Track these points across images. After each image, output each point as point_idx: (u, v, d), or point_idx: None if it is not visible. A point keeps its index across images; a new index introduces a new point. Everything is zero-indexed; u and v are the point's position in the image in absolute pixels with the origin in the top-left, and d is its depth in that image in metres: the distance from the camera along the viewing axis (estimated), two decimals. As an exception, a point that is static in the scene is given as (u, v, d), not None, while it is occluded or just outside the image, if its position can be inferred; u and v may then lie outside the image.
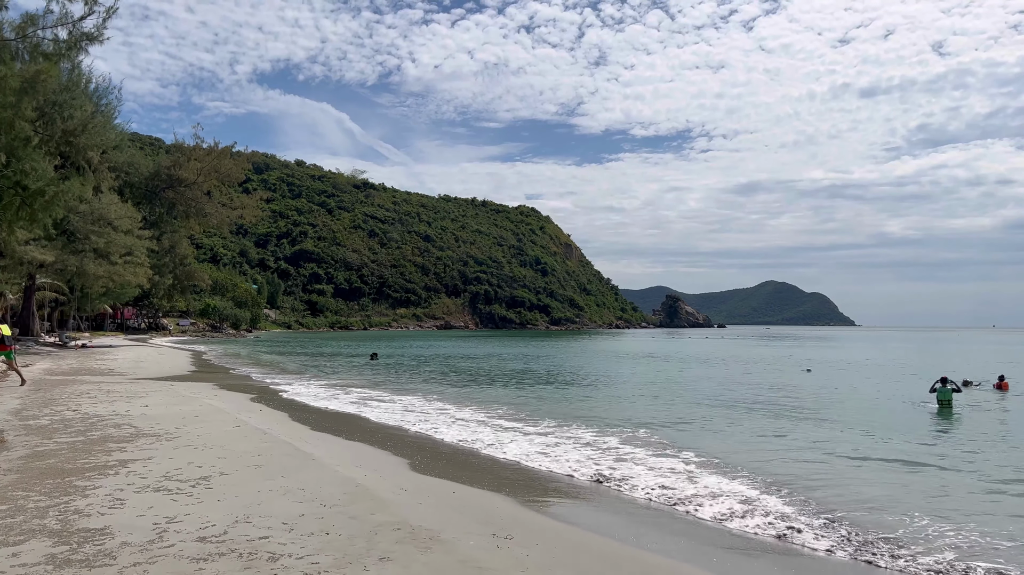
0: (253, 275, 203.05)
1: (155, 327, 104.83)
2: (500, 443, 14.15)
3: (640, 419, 18.20)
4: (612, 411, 20.13)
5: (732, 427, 17.29)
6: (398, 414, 18.78)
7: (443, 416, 18.42)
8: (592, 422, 17.30)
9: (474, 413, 19.10)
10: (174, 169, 60.06)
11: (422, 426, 16.52)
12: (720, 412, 20.23)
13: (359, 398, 22.78)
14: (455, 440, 14.53)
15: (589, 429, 16.12)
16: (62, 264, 46.17)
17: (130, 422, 14.32)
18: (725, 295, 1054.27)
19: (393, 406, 20.60)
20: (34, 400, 18.27)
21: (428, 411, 19.59)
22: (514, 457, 12.81)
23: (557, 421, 17.49)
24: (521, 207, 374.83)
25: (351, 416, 18.30)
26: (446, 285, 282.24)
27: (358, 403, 21.21)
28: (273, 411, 17.72)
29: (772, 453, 13.71)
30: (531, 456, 12.85)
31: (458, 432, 15.56)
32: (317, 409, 19.44)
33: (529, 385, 28.34)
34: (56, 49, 24.09)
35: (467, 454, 13.00)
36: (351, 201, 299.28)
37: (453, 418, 18.05)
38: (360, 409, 19.79)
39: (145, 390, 21.33)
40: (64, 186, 30.77)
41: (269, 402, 20.26)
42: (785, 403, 22.75)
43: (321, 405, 20.54)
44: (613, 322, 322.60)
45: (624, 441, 14.60)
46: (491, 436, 15.03)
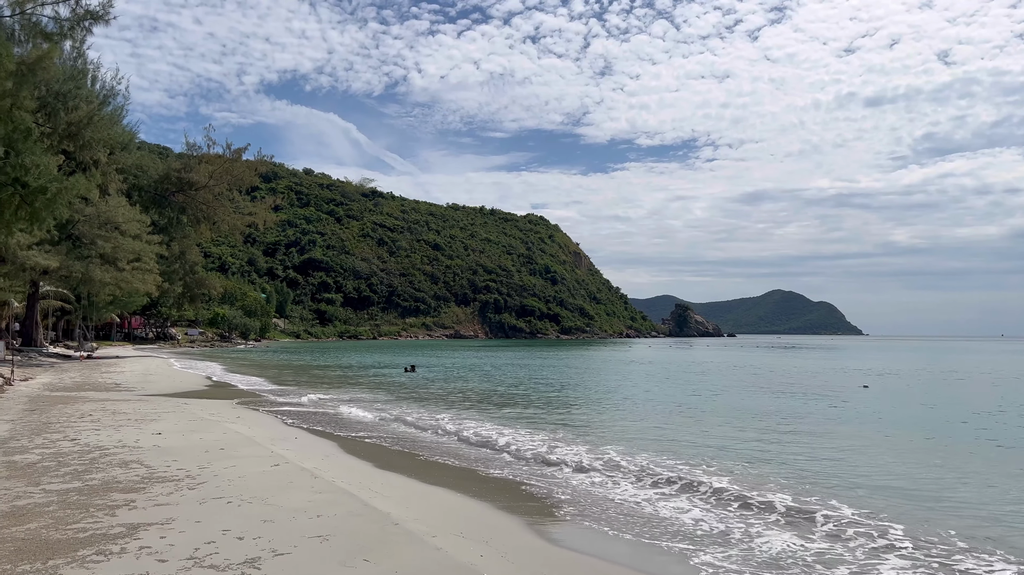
0: (262, 284, 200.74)
1: (163, 337, 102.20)
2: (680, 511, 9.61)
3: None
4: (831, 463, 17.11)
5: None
6: (471, 442, 15.85)
7: (541, 449, 14.45)
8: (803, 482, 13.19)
9: (591, 450, 15.21)
10: (184, 172, 57.44)
11: (523, 469, 12.87)
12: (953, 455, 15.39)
13: (416, 419, 19.87)
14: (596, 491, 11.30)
15: (785, 492, 10.91)
16: (67, 270, 43.50)
17: (140, 458, 11.47)
18: (732, 304, 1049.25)
19: (449, 427, 17.69)
20: (27, 424, 15.45)
21: (519, 442, 16.60)
22: (669, 513, 9.90)
23: (686, 460, 14.38)
24: (530, 215, 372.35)
25: (415, 442, 15.39)
26: (456, 294, 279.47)
27: (416, 426, 18.31)
28: (315, 440, 14.82)
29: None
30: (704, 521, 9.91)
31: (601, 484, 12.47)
32: (370, 435, 16.52)
33: (597, 405, 25.36)
34: (58, 28, 21.35)
35: (639, 519, 10.04)
36: (360, 209, 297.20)
37: (578, 461, 13.11)
38: (420, 433, 16.87)
39: (156, 411, 18.49)
40: (68, 183, 27.99)
41: (306, 425, 17.37)
42: (966, 433, 18.94)
43: (369, 427, 17.64)
44: (623, 331, 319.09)
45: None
46: (645, 491, 10.80)
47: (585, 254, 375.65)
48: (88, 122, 29.18)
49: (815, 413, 22.60)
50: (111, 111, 38.19)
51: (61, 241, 43.92)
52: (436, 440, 15.87)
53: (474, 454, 14.12)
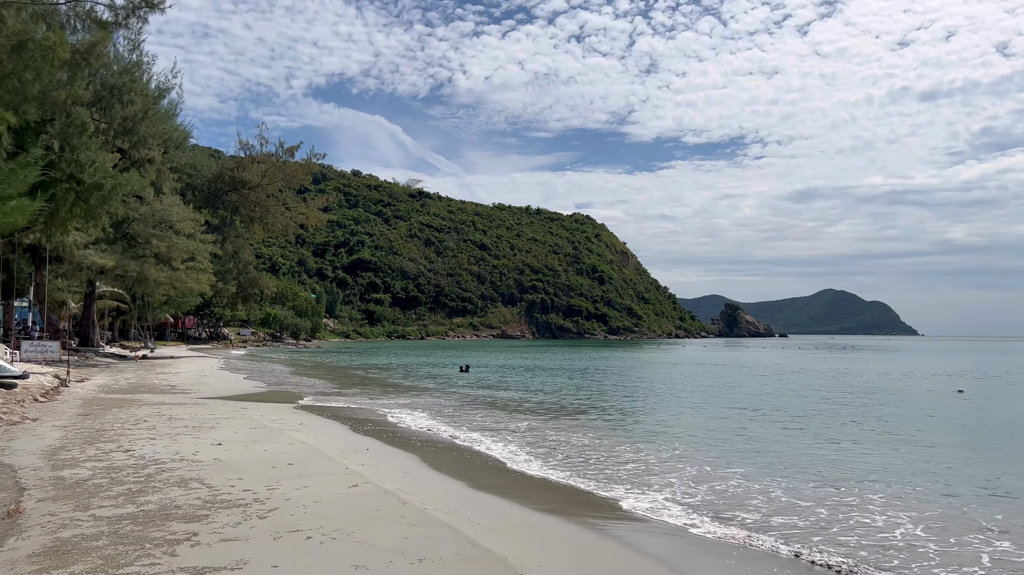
0: (312, 284, 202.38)
1: (216, 337, 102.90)
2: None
3: None
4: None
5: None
6: (557, 463, 14.26)
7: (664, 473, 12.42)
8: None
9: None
10: (238, 171, 57.06)
11: (654, 501, 10.58)
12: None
13: (490, 425, 18.38)
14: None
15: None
16: (122, 270, 43.19)
17: (200, 475, 10.14)
18: (782, 304, 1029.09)
19: (528, 437, 16.12)
20: (80, 431, 14.34)
21: (615, 458, 14.94)
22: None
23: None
24: (576, 215, 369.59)
25: (498, 455, 13.87)
26: (502, 294, 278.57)
27: (489, 431, 16.80)
28: (390, 451, 13.40)
29: None
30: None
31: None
32: (449, 446, 15.04)
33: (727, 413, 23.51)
34: (113, 17, 20.38)
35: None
36: (407, 210, 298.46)
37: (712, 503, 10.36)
38: (498, 444, 15.35)
39: (214, 416, 17.31)
40: (123, 179, 27.28)
41: (376, 433, 15.97)
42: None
43: (446, 437, 16.18)
44: (672, 331, 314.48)
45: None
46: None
47: (632, 253, 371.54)
48: (143, 116, 28.42)
49: (937, 421, 20.49)
50: (166, 106, 37.57)
51: (116, 240, 43.63)
52: (519, 453, 14.31)
53: (563, 468, 12.54)
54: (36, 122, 24.94)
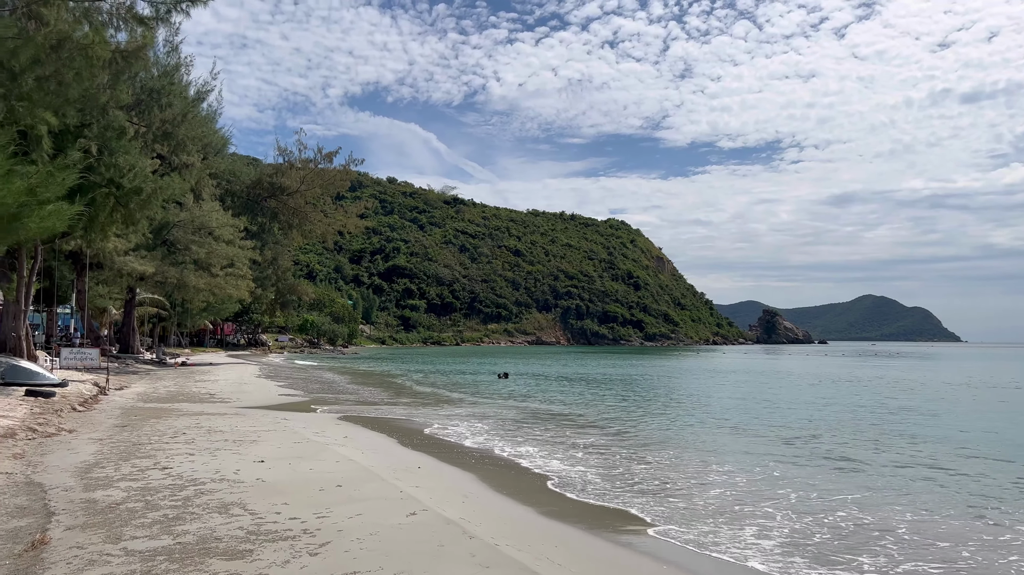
0: (348, 291, 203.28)
1: (254, 343, 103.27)
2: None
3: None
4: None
5: None
6: (629, 486, 13.15)
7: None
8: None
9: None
10: (276, 177, 56.94)
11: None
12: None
13: (540, 439, 17.32)
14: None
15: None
16: (162, 276, 42.99)
17: (242, 498, 9.23)
18: (820, 310, 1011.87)
19: (593, 458, 15.01)
20: (116, 445, 13.60)
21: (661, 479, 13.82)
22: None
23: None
24: (610, 220, 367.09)
25: (559, 474, 12.80)
26: (537, 300, 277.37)
27: (547, 445, 15.74)
28: (443, 469, 12.41)
29: None
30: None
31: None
32: (505, 463, 14.00)
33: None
34: (154, 12, 19.79)
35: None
36: (442, 217, 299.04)
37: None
38: (557, 462, 14.28)
39: (255, 428, 16.50)
40: (162, 183, 26.80)
41: (425, 447, 15.00)
42: None
43: (501, 453, 15.15)
44: (710, 338, 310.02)
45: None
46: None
47: (668, 259, 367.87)
48: (182, 119, 27.98)
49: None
50: (205, 111, 37.23)
51: (156, 247, 43.50)
52: (587, 475, 13.22)
53: (637, 493, 11.43)
54: (75, 126, 24.56)
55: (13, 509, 8.71)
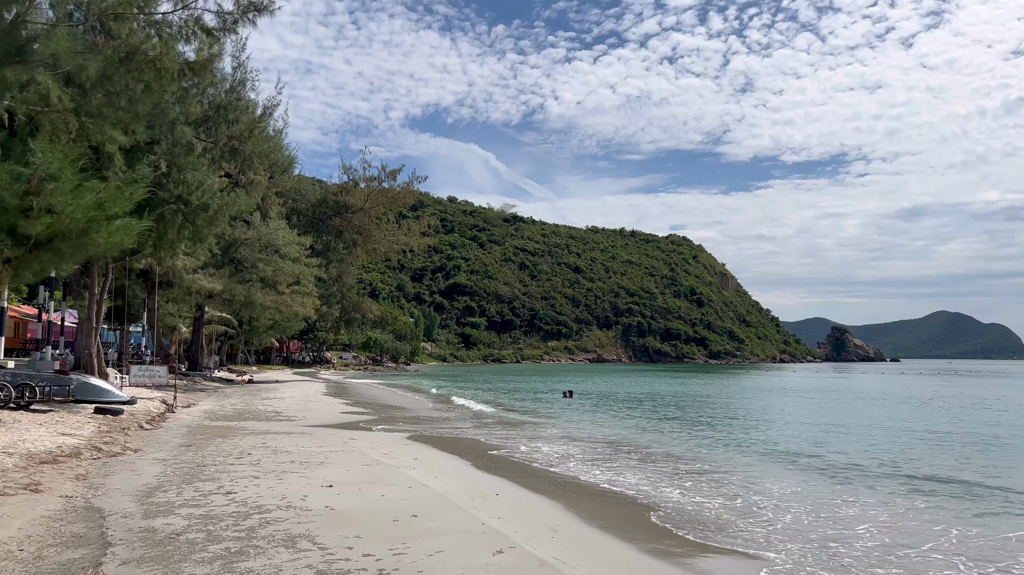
0: (410, 309, 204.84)
1: (319, 360, 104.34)
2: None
3: None
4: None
5: None
6: (738, 514, 11.94)
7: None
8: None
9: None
10: (341, 195, 57.30)
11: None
12: None
13: (622, 462, 16.17)
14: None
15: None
16: (230, 294, 43.35)
17: (310, 529, 8.39)
18: (890, 327, 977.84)
19: (687, 482, 13.81)
20: (180, 466, 13.01)
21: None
22: None
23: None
24: (672, 236, 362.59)
25: (650, 498, 11.66)
26: (597, 317, 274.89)
27: (629, 470, 14.61)
28: (525, 496, 11.40)
29: None
30: None
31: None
32: (590, 489, 12.92)
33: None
34: (220, 23, 19.55)
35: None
36: (501, 235, 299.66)
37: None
38: (641, 484, 13.13)
39: (322, 448, 15.79)
40: (229, 199, 26.70)
41: (501, 470, 14.00)
42: None
43: (589, 479, 14.06)
44: (776, 356, 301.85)
45: None
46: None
47: (732, 275, 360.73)
48: (249, 135, 27.96)
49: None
50: (272, 127, 37.41)
51: (224, 265, 43.91)
52: (684, 505, 12.04)
53: (764, 528, 10.22)
54: (145, 143, 24.61)
55: (69, 538, 8.07)
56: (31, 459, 12.67)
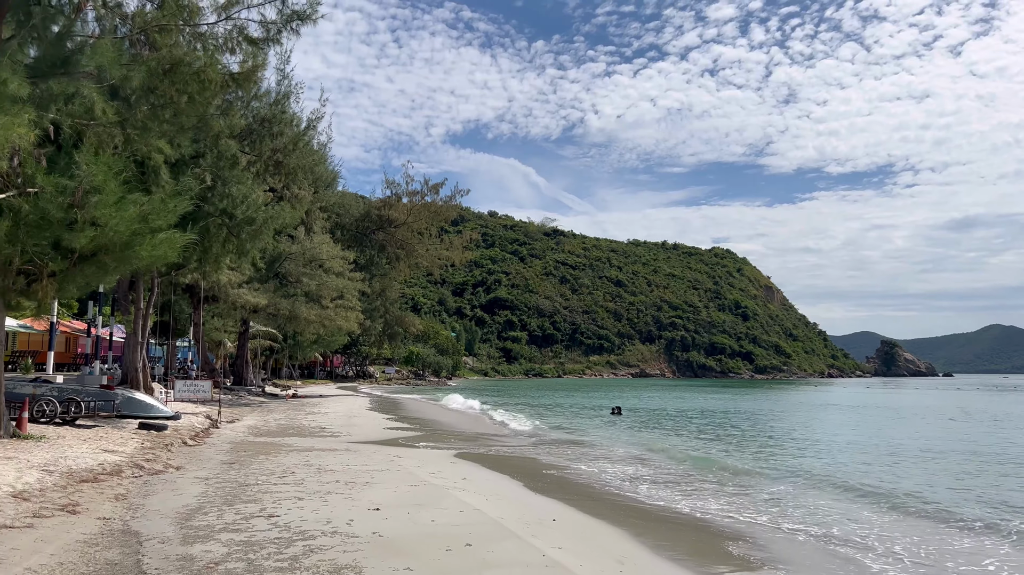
0: (451, 323, 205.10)
1: (362, 375, 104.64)
2: None
3: None
4: None
5: None
6: (822, 540, 11.04)
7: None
8: None
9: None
10: (384, 210, 57.30)
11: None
12: None
13: (693, 485, 15.31)
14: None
15: None
16: (274, 308, 43.34)
17: (357, 559, 7.75)
18: (941, 340, 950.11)
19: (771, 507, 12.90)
20: (221, 485, 12.52)
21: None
22: None
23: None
24: (715, 249, 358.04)
25: (719, 526, 10.80)
26: (640, 331, 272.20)
27: (703, 494, 13.74)
28: (587, 521, 10.63)
29: None
30: None
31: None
32: (654, 514, 12.10)
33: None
34: (264, 33, 19.27)
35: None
36: (542, 248, 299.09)
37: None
38: (705, 508, 12.26)
39: (367, 467, 15.22)
40: (273, 212, 26.49)
41: (555, 490, 13.21)
42: None
43: (652, 502, 13.24)
44: (824, 371, 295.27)
45: None
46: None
47: (777, 288, 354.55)
48: (293, 148, 27.80)
49: None
50: (316, 142, 37.29)
51: (269, 279, 43.98)
52: (765, 529, 11.15)
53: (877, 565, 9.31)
54: (191, 156, 24.53)
55: (103, 566, 7.55)
56: (71, 477, 12.30)
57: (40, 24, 16.05)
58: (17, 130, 12.33)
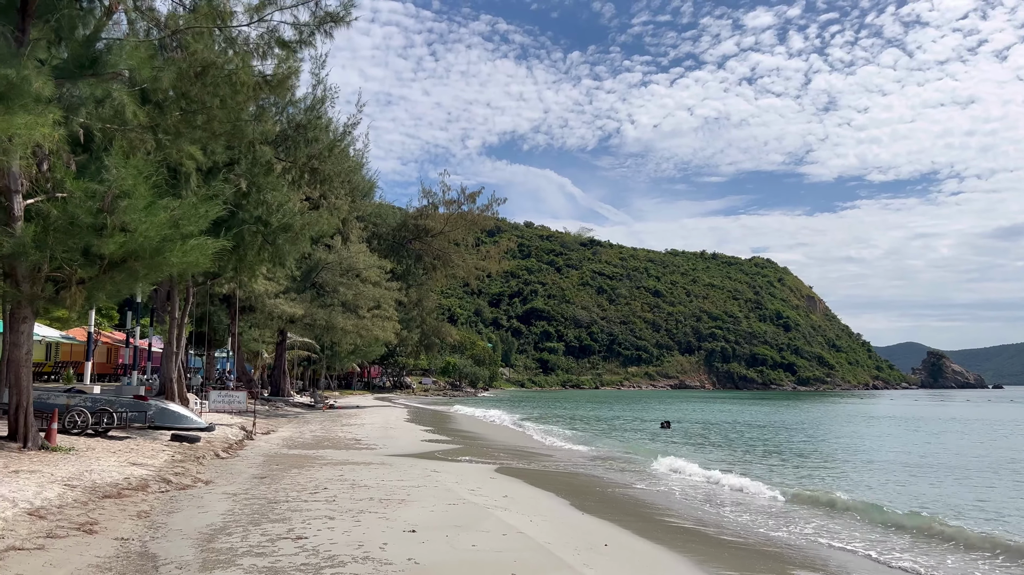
0: (488, 334, 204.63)
1: (399, 385, 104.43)
2: None
3: None
4: None
5: None
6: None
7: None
8: None
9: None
10: (421, 219, 56.93)
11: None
12: None
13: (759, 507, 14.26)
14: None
15: None
16: (311, 318, 43.02)
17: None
18: (990, 351, 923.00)
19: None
20: (249, 502, 11.82)
21: None
22: None
23: None
24: (755, 259, 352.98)
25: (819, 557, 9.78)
26: (679, 342, 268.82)
27: (775, 513, 12.71)
28: (646, 548, 9.68)
29: None
30: None
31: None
32: (723, 540, 11.13)
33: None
34: (296, 35, 18.79)
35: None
36: (578, 259, 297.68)
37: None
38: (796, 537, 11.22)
39: (403, 482, 14.43)
40: (310, 219, 26.03)
41: (606, 511, 12.25)
42: None
43: (717, 525, 12.26)
44: (869, 382, 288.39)
45: None
46: None
47: (819, 298, 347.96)
48: (329, 154, 27.33)
49: None
50: (353, 151, 36.90)
51: (305, 289, 43.73)
52: (854, 553, 10.09)
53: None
54: (224, 163, 24.18)
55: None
56: (94, 492, 11.70)
57: (69, 25, 15.71)
58: (41, 130, 11.87)
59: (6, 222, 14.91)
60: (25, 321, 15.75)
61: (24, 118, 11.39)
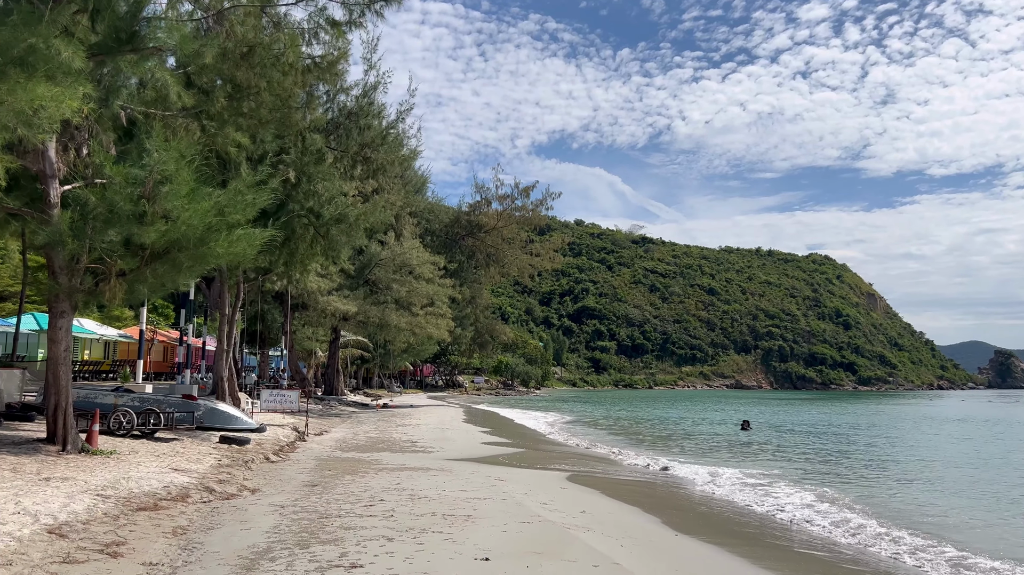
0: (539, 333, 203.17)
1: (452, 384, 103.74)
2: None
3: None
4: None
5: None
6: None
7: None
8: None
9: None
10: (474, 215, 55.77)
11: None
12: None
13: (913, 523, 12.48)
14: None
15: None
16: (364, 316, 42.14)
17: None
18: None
19: None
20: (298, 517, 10.52)
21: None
22: None
23: None
24: (813, 255, 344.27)
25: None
26: (735, 341, 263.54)
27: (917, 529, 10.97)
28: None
29: None
30: None
31: None
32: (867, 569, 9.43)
33: None
34: (347, 15, 17.57)
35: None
36: (630, 257, 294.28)
37: None
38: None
39: (466, 492, 13.01)
40: (364, 210, 24.86)
41: (704, 532, 10.61)
42: None
43: (856, 554, 10.55)
44: (933, 382, 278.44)
45: None
46: None
47: (880, 295, 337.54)
48: (381, 142, 26.15)
49: None
50: (405, 138, 35.68)
51: (358, 286, 42.87)
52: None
53: None
54: (274, 152, 23.18)
55: (126, 645, 5.52)
56: (128, 504, 10.54)
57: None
58: (70, 103, 10.78)
59: (42, 209, 14.01)
60: (63, 316, 14.77)
61: (50, 89, 10.31)
